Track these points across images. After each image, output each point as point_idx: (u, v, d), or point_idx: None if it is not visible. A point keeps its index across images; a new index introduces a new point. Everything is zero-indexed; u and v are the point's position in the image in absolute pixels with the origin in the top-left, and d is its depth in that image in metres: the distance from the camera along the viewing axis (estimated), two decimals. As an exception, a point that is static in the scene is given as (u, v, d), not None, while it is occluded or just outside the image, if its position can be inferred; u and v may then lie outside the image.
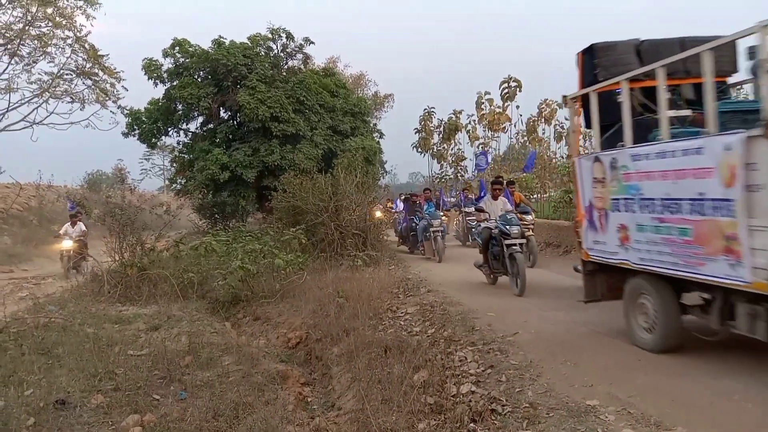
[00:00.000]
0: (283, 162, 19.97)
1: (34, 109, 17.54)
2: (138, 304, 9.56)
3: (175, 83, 21.38)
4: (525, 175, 19.93)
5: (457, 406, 4.38)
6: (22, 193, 23.50)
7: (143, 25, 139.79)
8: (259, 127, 20.44)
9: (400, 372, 5.11)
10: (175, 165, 24.22)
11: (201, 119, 22.83)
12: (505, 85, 33.98)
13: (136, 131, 21.80)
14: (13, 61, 16.99)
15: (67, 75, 18.16)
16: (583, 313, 6.65)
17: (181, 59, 21.57)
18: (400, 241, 16.25)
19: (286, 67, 22.75)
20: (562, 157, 31.10)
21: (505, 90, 34.05)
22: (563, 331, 6.13)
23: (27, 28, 16.83)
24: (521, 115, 35.83)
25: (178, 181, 23.19)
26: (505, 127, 35.54)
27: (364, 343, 6.16)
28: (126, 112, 20.71)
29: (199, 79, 21.65)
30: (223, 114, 22.51)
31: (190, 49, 21.47)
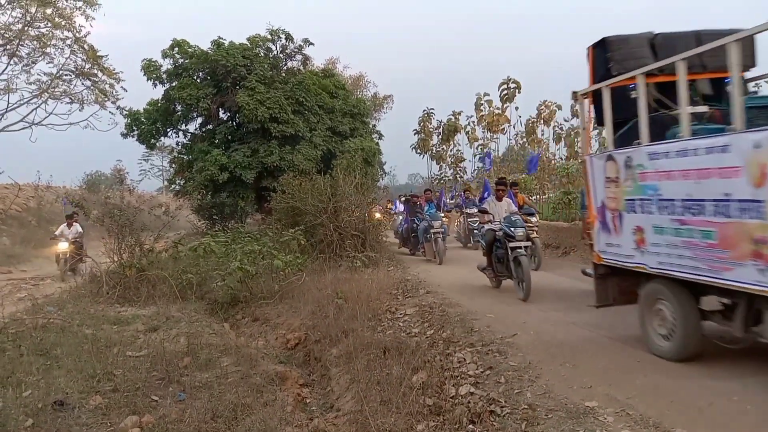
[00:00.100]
0: (282, 163, 19.97)
1: (33, 110, 17.61)
2: (137, 305, 9.54)
3: (174, 84, 21.41)
4: (524, 176, 19.95)
5: (455, 407, 4.37)
6: (21, 194, 23.57)
7: (143, 25, 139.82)
8: (258, 128, 20.46)
9: (398, 373, 5.10)
10: (174, 166, 24.27)
11: (200, 120, 22.87)
12: (505, 86, 34.07)
13: (135, 132, 21.82)
14: (12, 62, 17.05)
15: (66, 76, 18.21)
16: (583, 314, 6.64)
17: (180, 60, 21.61)
18: (401, 243, 16.07)
19: (285, 68, 22.78)
20: (561, 159, 31.16)
21: (505, 91, 34.14)
22: (562, 332, 6.11)
23: (26, 28, 16.85)
24: (520, 116, 35.94)
25: (177, 181, 23.22)
26: (504, 128, 35.60)
27: (362, 345, 6.15)
28: (125, 112, 20.78)
29: (199, 80, 21.68)
30: (222, 115, 22.52)
31: (190, 49, 21.50)
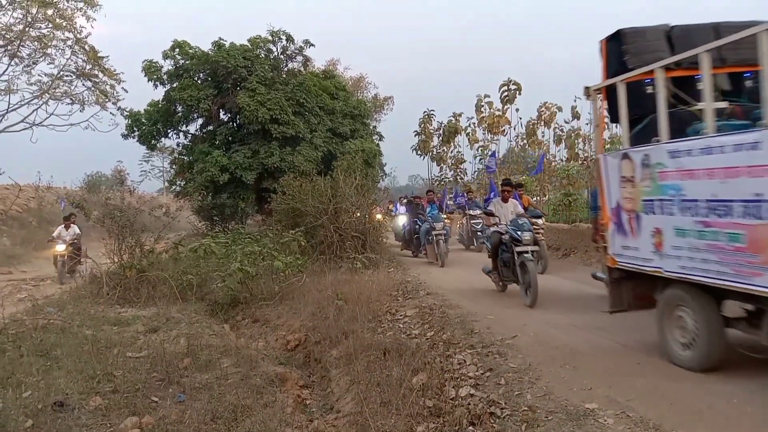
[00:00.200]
0: (282, 164, 19.97)
1: (33, 111, 17.68)
2: (137, 306, 9.54)
3: (174, 85, 21.41)
4: (524, 177, 19.95)
5: (455, 409, 4.37)
6: (22, 195, 23.57)
7: (143, 26, 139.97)
8: (258, 129, 20.46)
9: (398, 375, 5.09)
10: (174, 167, 24.30)
11: (201, 121, 22.88)
12: (505, 88, 34.01)
13: (136, 133, 21.83)
14: (13, 63, 17.12)
15: (67, 76, 18.28)
16: (583, 316, 6.65)
17: (181, 61, 21.62)
18: (404, 245, 15.88)
19: (285, 69, 22.78)
20: (562, 160, 31.12)
21: (505, 93, 34.08)
22: (563, 334, 6.10)
23: (27, 29, 16.90)
24: (521, 118, 35.88)
25: (178, 182, 23.25)
26: (504, 130, 35.57)
27: (362, 346, 6.14)
28: (126, 113, 20.83)
29: (199, 81, 21.69)
30: (222, 116, 22.52)
31: (190, 51, 21.52)
